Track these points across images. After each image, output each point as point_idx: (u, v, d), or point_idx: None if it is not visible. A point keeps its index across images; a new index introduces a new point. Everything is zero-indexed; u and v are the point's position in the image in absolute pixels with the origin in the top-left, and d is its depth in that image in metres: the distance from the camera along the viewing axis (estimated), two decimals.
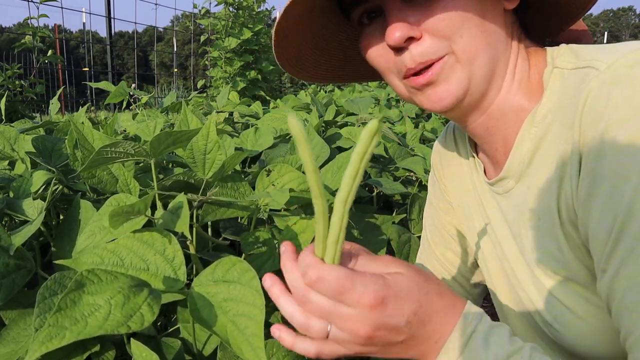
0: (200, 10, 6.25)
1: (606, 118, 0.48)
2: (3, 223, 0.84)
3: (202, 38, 6.05)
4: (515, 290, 0.69)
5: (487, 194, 0.70)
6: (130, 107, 2.18)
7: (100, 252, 0.60)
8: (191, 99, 3.64)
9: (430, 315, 0.47)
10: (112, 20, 5.94)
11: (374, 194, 1.34)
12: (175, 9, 7.02)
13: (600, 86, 0.49)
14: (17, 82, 3.35)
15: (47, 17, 3.42)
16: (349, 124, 1.76)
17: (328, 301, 0.44)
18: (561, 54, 0.59)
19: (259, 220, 0.92)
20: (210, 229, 0.95)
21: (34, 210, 0.79)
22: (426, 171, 1.29)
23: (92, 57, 7.45)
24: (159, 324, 0.83)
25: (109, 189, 0.82)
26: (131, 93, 1.69)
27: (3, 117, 1.52)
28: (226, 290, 0.52)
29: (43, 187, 0.89)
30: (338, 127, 1.72)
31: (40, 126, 1.32)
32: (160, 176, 1.00)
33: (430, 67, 0.58)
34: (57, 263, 0.63)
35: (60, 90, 1.96)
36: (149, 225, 0.66)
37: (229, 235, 0.90)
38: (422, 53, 0.57)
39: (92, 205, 0.79)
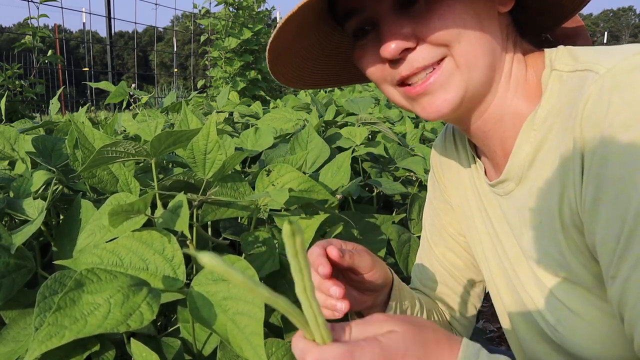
0: (200, 10, 6.25)
1: (608, 122, 0.47)
2: (3, 223, 0.84)
3: (202, 38, 6.05)
4: (517, 291, 0.69)
5: (489, 194, 0.70)
6: (130, 107, 2.18)
7: (100, 252, 0.60)
8: (191, 99, 3.64)
9: None
10: (112, 20, 5.94)
11: (374, 194, 1.34)
12: (175, 9, 7.02)
13: (600, 90, 0.49)
14: (17, 82, 3.35)
15: (47, 17, 3.43)
16: (349, 124, 1.77)
17: None
18: (559, 56, 0.58)
19: (259, 220, 0.92)
20: (210, 229, 0.95)
21: (35, 210, 0.79)
22: (426, 171, 1.29)
23: (92, 57, 7.45)
24: (159, 324, 0.83)
25: (109, 188, 0.82)
26: (131, 93, 1.69)
27: (3, 117, 1.52)
28: (225, 289, 0.52)
29: (43, 187, 0.89)
30: (338, 127, 1.72)
31: (40, 126, 1.33)
32: (161, 176, 1.00)
33: (429, 74, 0.58)
34: (56, 264, 0.63)
35: (60, 90, 1.96)
36: (149, 224, 0.66)
37: (229, 235, 0.90)
38: (419, 59, 0.57)
39: (93, 205, 0.80)
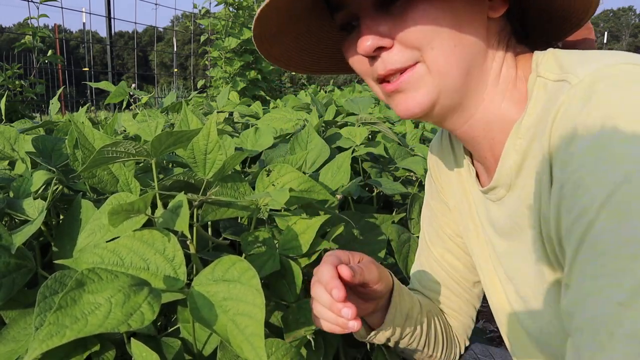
0: (200, 10, 6.25)
1: (571, 133, 0.47)
2: (3, 223, 0.84)
3: (202, 38, 6.05)
4: (507, 295, 0.69)
5: (481, 199, 0.70)
6: (130, 107, 2.18)
7: (100, 252, 0.60)
8: (191, 99, 3.64)
9: None
10: (112, 20, 5.94)
11: (374, 194, 1.34)
12: (175, 9, 7.02)
13: (569, 101, 0.49)
14: (17, 82, 3.35)
15: (47, 17, 3.43)
16: (349, 124, 1.77)
17: None
18: (545, 61, 0.57)
19: (259, 220, 0.92)
20: (210, 229, 0.95)
21: (35, 210, 0.79)
22: (426, 171, 1.29)
23: (92, 57, 7.44)
24: (159, 324, 0.83)
25: (109, 188, 0.82)
26: (131, 93, 1.69)
27: (3, 117, 1.52)
28: (226, 289, 0.51)
29: (43, 187, 0.89)
30: (338, 127, 1.72)
31: (40, 126, 1.33)
32: (161, 176, 1.00)
33: (402, 73, 0.59)
34: (57, 263, 0.63)
35: (60, 90, 1.96)
36: (149, 224, 0.66)
37: (229, 235, 0.90)
38: (392, 61, 0.58)
39: (93, 205, 0.80)
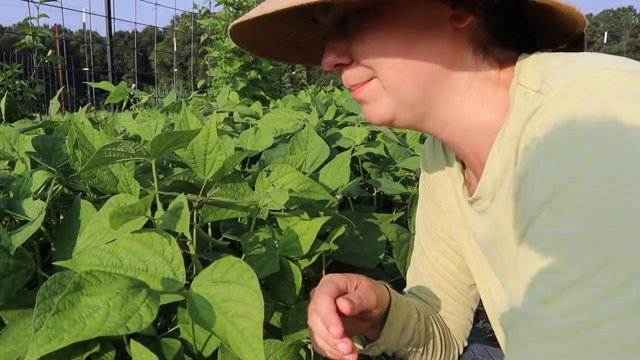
0: (200, 10, 6.25)
1: (534, 146, 0.48)
2: (3, 223, 0.84)
3: (202, 38, 6.05)
4: (494, 304, 0.69)
5: (468, 208, 0.70)
6: (130, 107, 2.18)
7: (99, 253, 0.60)
8: (191, 99, 3.64)
9: None
10: (112, 20, 5.94)
11: (374, 194, 1.34)
12: (175, 9, 7.02)
13: (535, 113, 0.49)
14: (17, 82, 3.35)
15: (47, 17, 3.43)
16: (349, 124, 1.77)
17: None
18: (527, 67, 0.57)
19: (259, 221, 0.92)
20: (210, 230, 0.95)
21: (34, 210, 0.79)
22: None
23: (92, 57, 7.45)
24: (158, 325, 0.83)
25: (109, 189, 0.82)
26: (131, 93, 1.69)
27: (3, 117, 1.51)
28: (225, 290, 0.51)
29: (43, 187, 0.89)
30: (338, 127, 1.72)
31: (40, 126, 1.32)
32: (161, 176, 1.00)
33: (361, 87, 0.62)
34: (56, 265, 0.63)
35: (60, 90, 1.96)
36: (149, 226, 0.66)
37: (229, 235, 0.90)
38: (350, 77, 0.62)
39: (93, 206, 0.79)
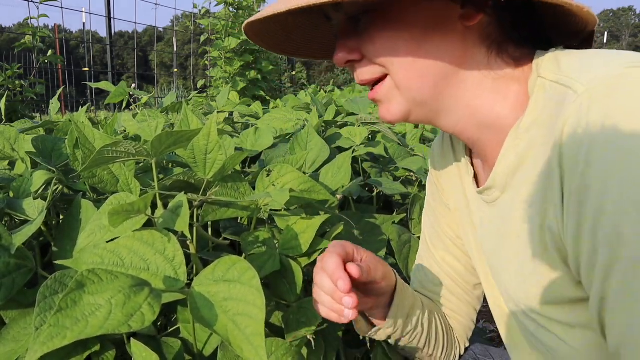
0: (200, 10, 6.25)
1: (585, 150, 0.46)
2: (3, 223, 0.84)
3: (202, 38, 6.05)
4: (498, 298, 0.69)
5: (477, 201, 0.70)
6: (130, 107, 2.18)
7: (100, 252, 0.60)
8: (191, 99, 3.64)
9: None
10: (112, 20, 5.94)
11: (374, 194, 1.34)
12: (175, 9, 7.02)
13: (578, 113, 0.47)
14: (17, 82, 3.35)
15: (47, 17, 3.43)
16: (349, 124, 1.76)
17: None
18: (544, 62, 0.57)
19: (259, 220, 0.92)
20: (210, 229, 0.95)
21: (35, 210, 0.79)
22: (426, 171, 1.29)
23: (92, 57, 7.44)
24: (159, 324, 0.83)
25: (109, 188, 0.82)
26: (131, 93, 1.69)
27: (3, 117, 1.51)
28: (227, 289, 0.51)
29: (43, 187, 0.89)
30: (338, 127, 1.72)
31: (40, 126, 1.32)
32: (161, 176, 1.00)
33: (374, 86, 0.63)
34: (57, 263, 0.63)
35: (60, 90, 1.96)
36: (149, 224, 0.66)
37: (229, 235, 0.90)
38: (361, 73, 0.62)
39: (93, 205, 0.79)
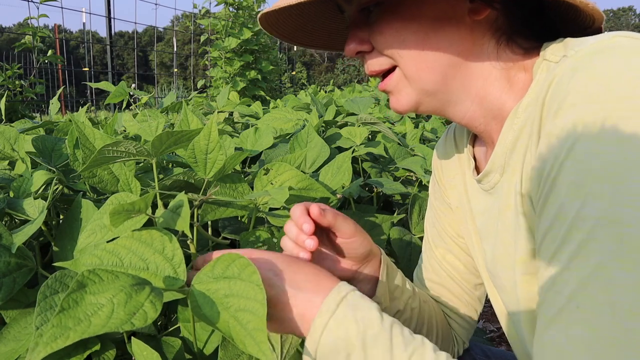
0: (200, 10, 6.26)
1: (559, 103, 0.47)
2: (4, 222, 0.84)
3: (202, 38, 6.05)
4: (498, 293, 0.69)
5: (477, 192, 0.70)
6: (130, 107, 2.18)
7: (99, 253, 0.60)
8: (191, 99, 3.64)
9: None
10: (112, 20, 5.94)
11: (374, 194, 1.34)
12: (175, 9, 7.03)
13: (562, 74, 0.48)
14: (17, 82, 3.35)
15: (47, 17, 3.43)
16: (349, 124, 1.77)
17: None
18: (552, 47, 0.56)
19: (258, 219, 0.92)
20: (210, 229, 0.95)
21: (35, 209, 0.79)
22: (426, 171, 1.29)
23: (92, 57, 7.45)
24: (159, 323, 0.83)
25: (109, 188, 0.82)
26: (131, 93, 1.69)
27: (3, 117, 1.52)
28: (227, 286, 0.51)
29: (43, 187, 0.89)
30: (338, 127, 1.72)
31: (40, 126, 1.33)
32: (161, 176, 1.00)
33: (384, 77, 0.64)
34: (56, 265, 0.63)
35: (60, 90, 1.96)
36: (150, 224, 0.66)
37: (228, 234, 0.90)
38: (371, 64, 0.63)
39: (93, 205, 0.80)
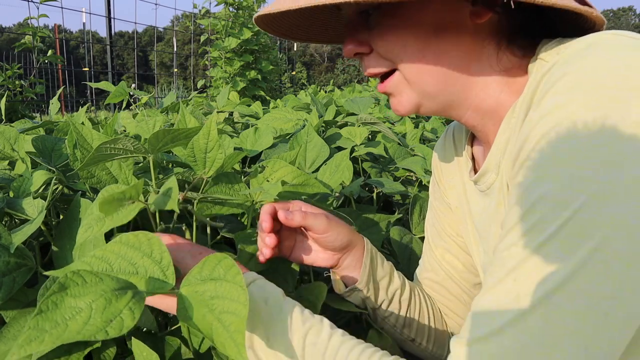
0: (200, 10, 6.26)
1: (546, 104, 0.47)
2: (3, 222, 0.84)
3: (202, 38, 6.05)
4: None
5: (474, 193, 0.70)
6: (130, 107, 2.18)
7: (89, 260, 0.58)
8: (191, 99, 3.64)
9: None
10: (112, 20, 5.95)
11: (374, 194, 1.34)
12: (175, 9, 7.03)
13: (551, 70, 0.49)
14: (17, 82, 3.36)
15: (47, 17, 3.44)
16: (349, 124, 1.77)
17: None
18: (547, 46, 0.57)
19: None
20: (209, 228, 0.95)
21: (34, 209, 0.79)
22: (426, 171, 1.29)
23: (92, 57, 7.45)
24: (159, 322, 0.83)
25: None
26: (131, 93, 1.69)
27: (3, 117, 1.52)
28: (213, 288, 0.50)
29: (43, 186, 0.89)
30: (338, 127, 1.72)
31: (40, 126, 1.33)
32: (160, 176, 1.00)
33: (384, 79, 0.63)
34: (46, 274, 0.62)
35: (60, 90, 1.96)
36: (145, 214, 0.65)
37: (226, 233, 0.90)
38: (370, 66, 0.63)
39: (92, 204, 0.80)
